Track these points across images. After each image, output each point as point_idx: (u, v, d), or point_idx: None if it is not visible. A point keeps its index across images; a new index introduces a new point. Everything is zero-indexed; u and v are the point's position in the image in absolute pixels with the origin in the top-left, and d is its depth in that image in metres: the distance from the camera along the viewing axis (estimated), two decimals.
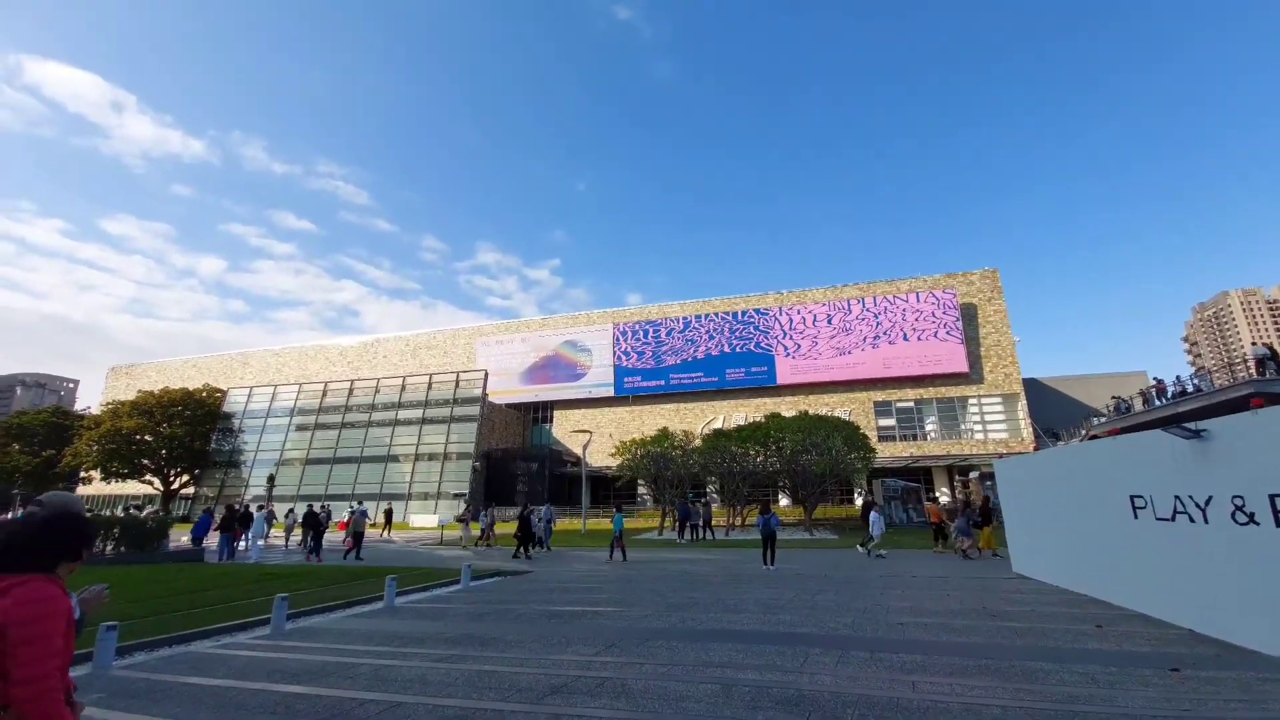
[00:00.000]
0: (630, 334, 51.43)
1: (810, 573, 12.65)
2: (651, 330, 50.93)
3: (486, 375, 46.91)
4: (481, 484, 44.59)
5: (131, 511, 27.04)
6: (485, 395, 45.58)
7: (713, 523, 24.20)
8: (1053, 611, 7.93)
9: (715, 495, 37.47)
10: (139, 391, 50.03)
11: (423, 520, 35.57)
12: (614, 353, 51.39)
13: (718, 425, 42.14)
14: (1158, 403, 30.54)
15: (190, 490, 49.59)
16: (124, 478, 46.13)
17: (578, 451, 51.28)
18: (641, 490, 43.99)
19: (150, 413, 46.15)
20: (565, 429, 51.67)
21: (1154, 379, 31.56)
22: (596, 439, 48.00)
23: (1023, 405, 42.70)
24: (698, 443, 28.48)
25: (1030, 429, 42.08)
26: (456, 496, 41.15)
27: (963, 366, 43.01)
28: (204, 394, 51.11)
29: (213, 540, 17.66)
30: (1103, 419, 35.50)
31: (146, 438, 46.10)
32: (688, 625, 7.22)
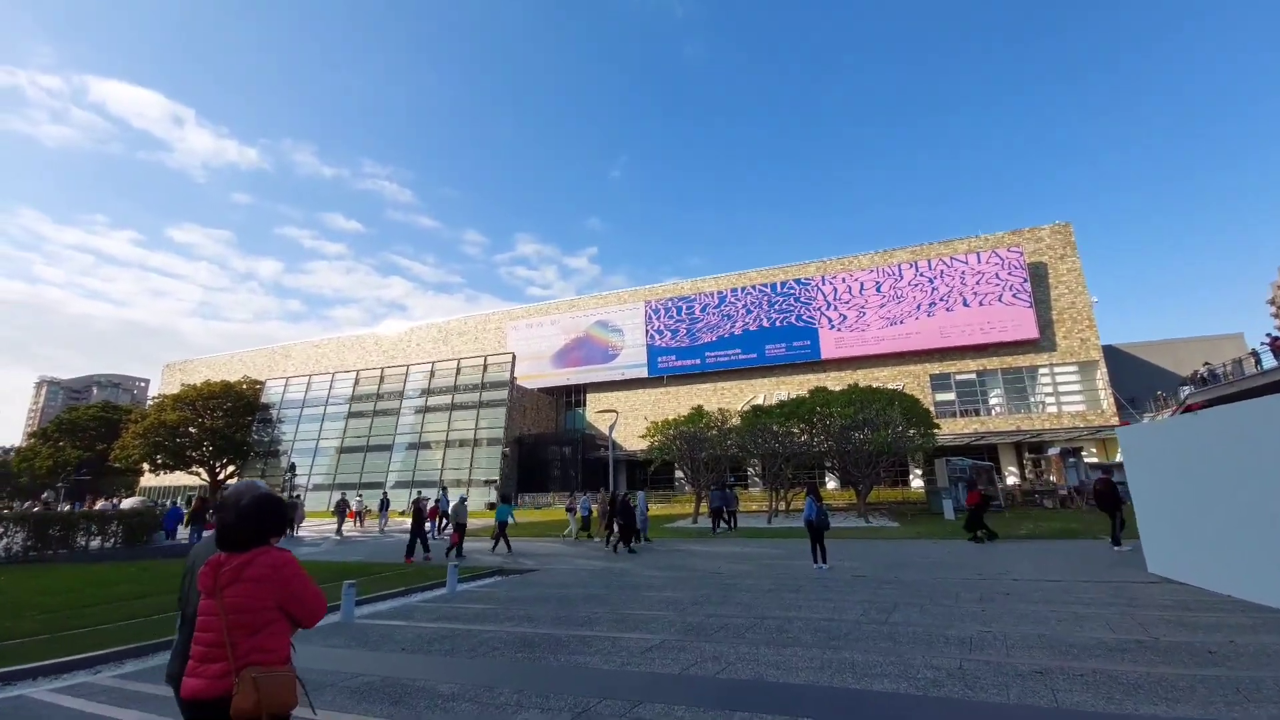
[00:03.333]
0: (663, 311, 48.94)
1: (874, 573, 10.11)
2: (685, 307, 48.29)
3: (514, 358, 45.42)
4: (514, 470, 43.37)
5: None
6: (513, 378, 44.12)
7: (722, 512, 20.97)
8: (1264, 644, 5.25)
9: (758, 479, 34.88)
10: (182, 385, 51.03)
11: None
12: (646, 332, 49.06)
13: (758, 404, 39.36)
14: (1273, 363, 26.14)
15: (234, 481, 50.37)
16: (170, 469, 47.14)
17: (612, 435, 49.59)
18: (679, 475, 41.87)
19: (192, 405, 46.84)
20: (598, 412, 49.87)
21: (1268, 334, 26.90)
22: (632, 421, 46.04)
23: (1102, 373, 38.18)
24: (735, 421, 25.94)
25: (1112, 400, 37.61)
26: (488, 483, 39.99)
27: (1032, 332, 38.71)
28: (244, 386, 51.70)
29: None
30: (1195, 387, 30.87)
31: (191, 430, 46.87)
32: (707, 670, 4.91)
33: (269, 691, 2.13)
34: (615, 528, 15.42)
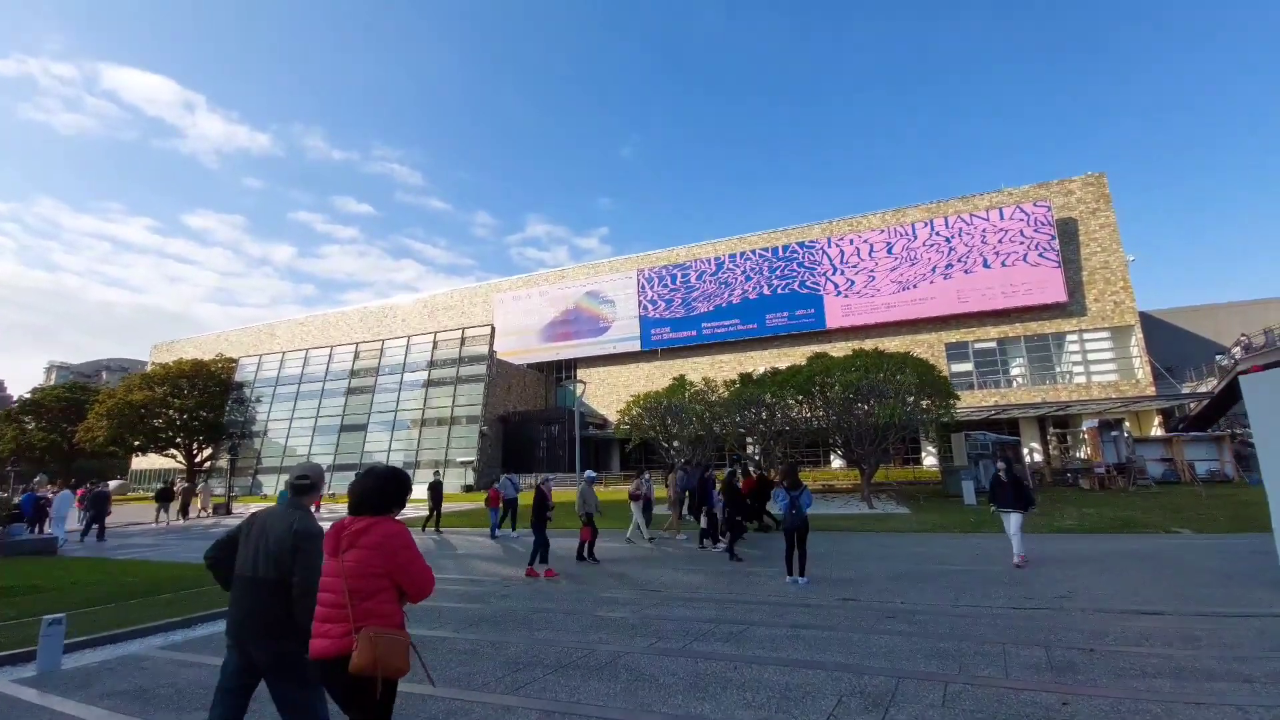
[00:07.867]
0: (656, 280, 45.60)
1: (870, 597, 6.96)
2: (680, 275, 44.89)
3: (493, 331, 42.39)
4: (497, 450, 40.69)
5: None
6: (493, 352, 41.15)
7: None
8: None
9: (757, 457, 31.95)
10: (153, 364, 48.77)
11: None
12: (639, 302, 45.84)
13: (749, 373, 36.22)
14: None
15: (209, 464, 48.26)
16: (143, 451, 45.04)
17: (604, 412, 46.58)
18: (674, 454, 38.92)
19: (162, 385, 44.49)
20: (590, 389, 46.91)
21: None
22: (624, 398, 43.08)
23: (1138, 339, 34.48)
24: (723, 393, 22.82)
25: (1148, 368, 33.96)
26: (464, 464, 37.38)
27: (1059, 295, 34.97)
28: (217, 365, 49.26)
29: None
30: (1245, 351, 27.00)
31: (169, 412, 44.60)
32: None
33: (385, 651, 2.20)
34: (703, 519, 11.51)
